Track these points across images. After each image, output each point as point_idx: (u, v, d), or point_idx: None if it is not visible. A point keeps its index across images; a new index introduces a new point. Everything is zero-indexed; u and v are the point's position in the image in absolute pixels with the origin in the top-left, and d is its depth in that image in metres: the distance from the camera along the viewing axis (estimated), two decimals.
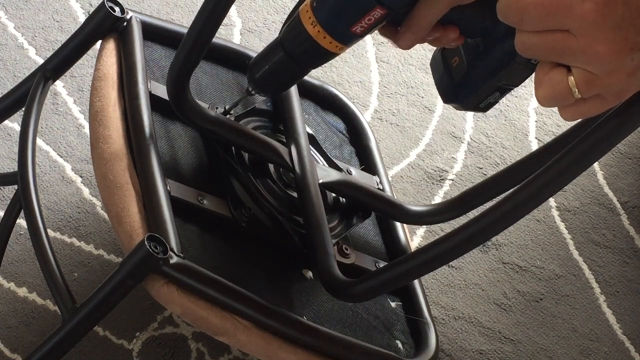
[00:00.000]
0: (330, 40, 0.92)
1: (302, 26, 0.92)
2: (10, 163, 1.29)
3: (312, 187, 1.06)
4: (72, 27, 1.43)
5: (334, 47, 0.92)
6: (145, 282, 0.93)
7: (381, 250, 1.14)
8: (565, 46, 0.72)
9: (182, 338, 1.20)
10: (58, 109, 1.36)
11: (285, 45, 0.95)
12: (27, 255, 1.22)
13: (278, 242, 1.05)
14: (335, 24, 0.91)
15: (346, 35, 0.91)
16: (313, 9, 0.91)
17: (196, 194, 1.01)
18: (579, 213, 1.48)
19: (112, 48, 1.09)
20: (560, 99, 0.75)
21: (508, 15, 0.74)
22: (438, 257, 0.92)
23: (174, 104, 1.01)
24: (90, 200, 1.29)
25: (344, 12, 0.89)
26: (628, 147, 1.56)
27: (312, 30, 0.91)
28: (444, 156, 1.49)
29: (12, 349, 1.15)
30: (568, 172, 0.84)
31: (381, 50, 1.58)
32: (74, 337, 0.95)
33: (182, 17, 1.51)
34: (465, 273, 1.37)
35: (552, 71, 0.75)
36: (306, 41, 0.93)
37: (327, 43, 0.92)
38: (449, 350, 1.30)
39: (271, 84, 0.99)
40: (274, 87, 1.00)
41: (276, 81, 0.99)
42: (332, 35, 0.91)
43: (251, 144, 1.06)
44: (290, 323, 0.97)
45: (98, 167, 1.00)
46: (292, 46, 0.94)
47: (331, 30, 0.91)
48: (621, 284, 1.42)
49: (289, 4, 1.57)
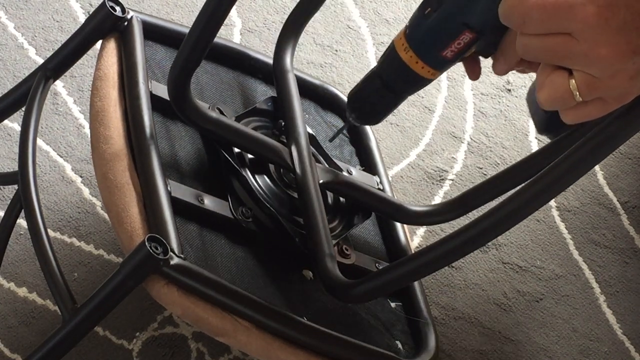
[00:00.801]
0: (422, 65, 0.94)
1: (396, 53, 0.94)
2: (10, 163, 1.29)
3: (313, 187, 1.06)
4: (72, 27, 1.43)
5: (427, 73, 0.94)
6: (145, 283, 0.93)
7: (381, 251, 1.14)
8: (567, 49, 0.72)
9: (182, 338, 1.20)
10: (58, 109, 1.36)
11: (381, 73, 0.97)
12: (27, 255, 1.22)
13: (278, 243, 1.05)
14: (426, 48, 0.93)
15: (438, 60, 0.93)
16: (406, 36, 0.93)
17: (196, 195, 1.01)
18: (579, 213, 1.48)
19: (113, 48, 1.09)
20: (562, 101, 0.75)
21: (510, 18, 0.74)
22: (439, 259, 0.92)
23: (174, 104, 1.01)
24: (90, 200, 1.29)
25: (434, 37, 0.92)
26: (628, 147, 1.56)
27: (405, 56, 0.94)
28: (444, 156, 1.49)
29: (12, 349, 1.15)
30: (569, 175, 0.83)
31: (381, 50, 1.58)
32: (74, 337, 0.95)
33: (182, 17, 1.51)
34: (465, 273, 1.37)
35: (553, 74, 0.75)
36: (400, 67, 0.95)
37: (419, 68, 0.94)
38: (449, 350, 1.30)
39: (369, 112, 1.01)
40: (372, 116, 1.01)
41: (374, 110, 1.01)
42: (424, 61, 0.93)
43: (251, 145, 1.06)
44: (290, 324, 0.97)
45: (98, 167, 1.00)
46: (388, 74, 0.97)
47: (423, 55, 0.93)
48: (621, 284, 1.42)
49: (289, 4, 1.57)
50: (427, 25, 0.92)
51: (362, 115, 1.02)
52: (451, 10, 0.90)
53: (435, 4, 0.91)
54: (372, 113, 1.01)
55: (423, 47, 0.93)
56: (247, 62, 1.20)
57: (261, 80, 1.21)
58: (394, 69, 0.96)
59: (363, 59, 1.56)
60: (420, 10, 0.93)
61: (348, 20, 1.60)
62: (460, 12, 0.90)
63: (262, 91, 1.20)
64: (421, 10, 0.92)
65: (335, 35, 1.58)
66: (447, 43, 0.92)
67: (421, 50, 0.93)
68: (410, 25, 0.94)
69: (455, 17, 0.90)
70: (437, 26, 0.91)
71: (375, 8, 1.63)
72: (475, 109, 1.56)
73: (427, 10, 0.92)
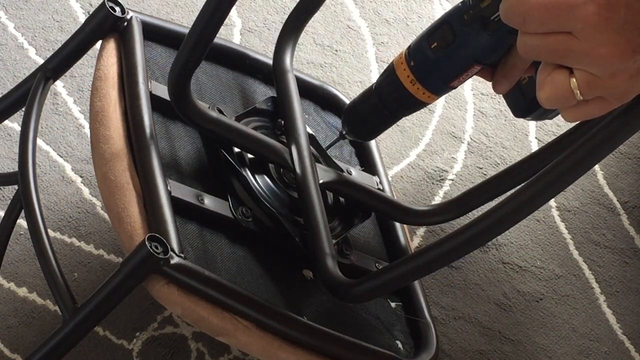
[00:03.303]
0: (424, 91, 0.97)
1: (396, 76, 0.98)
2: (10, 163, 1.29)
3: (313, 187, 1.06)
4: (72, 27, 1.43)
5: (427, 98, 0.98)
6: (145, 283, 0.93)
7: (381, 251, 1.14)
8: (568, 48, 0.72)
9: (182, 338, 1.20)
10: (58, 109, 1.36)
11: (380, 92, 1.00)
12: (27, 255, 1.22)
13: (278, 243, 1.05)
14: (431, 79, 0.96)
15: (442, 88, 0.97)
16: (411, 68, 0.97)
17: (197, 194, 1.01)
18: (579, 213, 1.48)
19: (113, 48, 1.09)
20: (563, 100, 0.75)
21: (511, 17, 0.74)
22: (439, 259, 0.92)
23: (175, 104, 1.01)
24: (90, 200, 1.29)
25: (442, 71, 0.95)
26: (628, 147, 1.56)
27: (407, 82, 0.97)
28: (444, 156, 1.49)
29: (12, 349, 1.15)
30: (569, 174, 0.83)
31: (381, 50, 1.58)
32: (74, 337, 0.95)
33: (182, 17, 1.51)
34: (465, 273, 1.37)
35: (554, 73, 0.75)
36: (399, 90, 0.98)
37: (420, 94, 0.98)
38: (449, 350, 1.30)
39: (363, 128, 1.04)
40: (367, 132, 1.05)
41: (368, 126, 1.04)
42: (426, 87, 0.97)
43: (252, 145, 1.06)
44: (290, 323, 0.97)
45: (98, 167, 1.00)
46: (386, 94, 1.00)
47: (426, 83, 0.97)
48: (621, 284, 1.42)
49: (289, 4, 1.57)
50: (434, 60, 0.94)
51: (355, 130, 1.05)
52: (462, 49, 0.93)
53: (442, 41, 0.93)
54: (366, 129, 1.04)
55: (428, 78, 0.96)
56: (246, 62, 1.20)
57: (261, 81, 1.21)
58: (392, 91, 0.99)
59: (363, 59, 1.56)
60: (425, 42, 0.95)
61: (348, 20, 1.60)
62: (472, 51, 0.92)
63: (262, 91, 1.20)
64: (426, 43, 0.95)
65: (335, 35, 1.58)
66: (455, 76, 0.95)
67: (425, 80, 0.96)
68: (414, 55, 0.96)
69: (467, 55, 0.93)
70: (446, 62, 0.94)
71: (375, 8, 1.63)
72: (475, 109, 1.56)
73: (433, 45, 0.94)
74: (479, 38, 0.91)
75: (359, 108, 1.03)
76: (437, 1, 1.67)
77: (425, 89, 0.97)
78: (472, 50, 0.92)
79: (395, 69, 0.98)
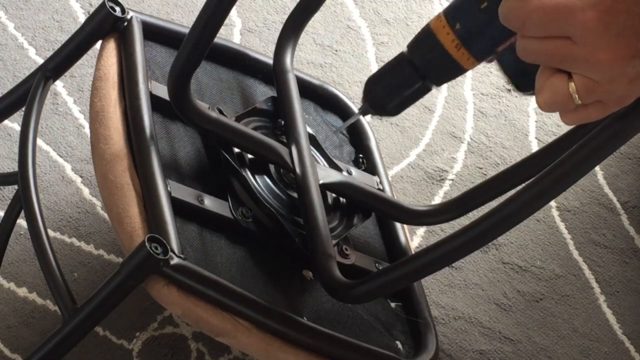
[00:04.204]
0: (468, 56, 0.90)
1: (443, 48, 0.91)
2: (10, 163, 1.29)
3: (313, 187, 1.06)
4: (72, 27, 1.43)
5: (471, 64, 0.91)
6: (145, 283, 0.93)
7: (381, 251, 1.14)
8: (567, 53, 0.72)
9: (182, 338, 1.20)
10: (58, 109, 1.36)
11: (414, 59, 0.93)
12: (27, 255, 1.22)
13: (278, 243, 1.05)
14: (483, 46, 0.90)
15: (488, 52, 0.90)
16: (456, 32, 0.89)
17: (196, 195, 1.01)
18: (579, 213, 1.48)
19: (113, 48, 1.09)
20: (561, 104, 0.75)
21: (510, 20, 0.74)
22: (439, 260, 0.92)
23: (174, 104, 1.01)
24: (90, 200, 1.29)
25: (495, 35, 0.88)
26: (628, 147, 1.56)
27: (456, 53, 0.90)
28: (444, 156, 1.49)
29: (12, 349, 1.15)
30: (569, 176, 0.83)
31: (381, 50, 1.58)
32: (74, 337, 0.95)
33: (182, 17, 1.51)
34: (465, 273, 1.37)
35: (553, 77, 0.75)
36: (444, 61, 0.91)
37: (465, 60, 0.91)
38: (449, 350, 1.30)
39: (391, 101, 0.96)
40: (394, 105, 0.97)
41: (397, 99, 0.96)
42: (474, 56, 0.90)
43: (252, 145, 1.06)
44: (290, 324, 0.97)
45: (98, 168, 1.00)
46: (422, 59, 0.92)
47: (477, 51, 0.90)
48: (621, 284, 1.42)
49: (289, 4, 1.57)
50: (486, 21, 0.88)
51: (380, 104, 0.97)
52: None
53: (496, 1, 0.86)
54: (394, 102, 0.97)
55: (477, 42, 0.89)
56: (247, 62, 1.20)
57: (261, 80, 1.21)
58: (433, 58, 0.92)
59: (363, 59, 1.56)
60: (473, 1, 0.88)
61: (348, 20, 1.60)
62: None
63: (262, 91, 1.20)
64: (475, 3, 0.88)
65: (335, 35, 1.58)
66: (505, 39, 0.89)
67: (473, 44, 0.90)
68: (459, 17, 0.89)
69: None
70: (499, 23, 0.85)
71: (375, 8, 1.63)
72: (475, 109, 1.56)
73: (483, 5, 0.88)
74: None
75: (387, 79, 0.95)
76: (437, 1, 1.67)
77: (471, 55, 0.90)
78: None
79: (435, 34, 0.90)
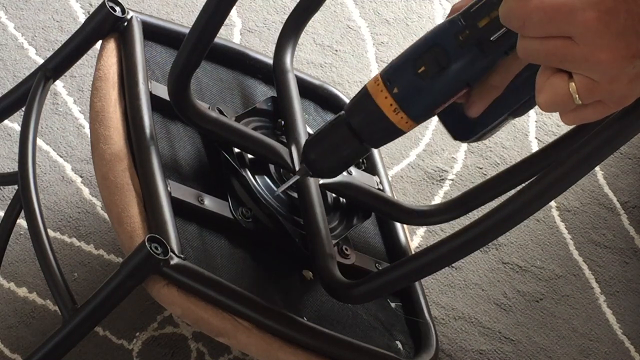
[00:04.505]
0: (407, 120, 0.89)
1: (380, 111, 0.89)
2: (10, 163, 1.29)
3: (313, 187, 1.06)
4: (72, 27, 1.43)
5: (409, 127, 0.90)
6: (145, 283, 0.93)
7: (381, 251, 1.14)
8: (567, 53, 0.72)
9: (182, 338, 1.20)
10: (58, 109, 1.36)
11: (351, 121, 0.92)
12: (27, 255, 1.22)
13: (278, 243, 1.05)
14: (421, 109, 0.89)
15: (427, 116, 0.90)
16: (393, 95, 0.88)
17: (196, 195, 1.01)
18: (579, 213, 1.48)
19: (113, 48, 1.09)
20: (561, 104, 0.75)
21: (510, 20, 0.74)
22: (439, 260, 0.92)
23: (174, 104, 1.01)
24: (90, 200, 1.29)
25: (431, 97, 0.88)
26: (628, 147, 1.56)
27: (394, 117, 0.89)
28: (444, 156, 1.48)
29: (12, 349, 1.15)
30: (569, 176, 0.83)
31: (381, 50, 1.58)
32: (74, 337, 0.95)
33: (182, 17, 1.51)
34: (465, 273, 1.37)
35: (553, 77, 0.75)
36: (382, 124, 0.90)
37: (403, 123, 0.89)
38: (449, 350, 1.30)
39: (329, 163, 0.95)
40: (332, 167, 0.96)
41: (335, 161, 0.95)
42: (413, 119, 0.89)
43: (252, 145, 1.06)
44: (290, 324, 0.97)
45: (98, 168, 1.00)
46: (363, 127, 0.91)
47: (414, 114, 0.89)
48: (621, 284, 1.42)
49: (289, 4, 1.57)
50: (423, 85, 0.87)
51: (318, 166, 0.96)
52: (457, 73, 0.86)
53: (434, 66, 0.86)
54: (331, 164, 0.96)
55: (414, 105, 0.88)
56: (247, 62, 1.20)
57: (261, 80, 1.21)
58: (371, 121, 0.90)
59: (363, 59, 1.56)
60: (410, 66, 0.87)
61: (348, 20, 1.60)
62: (467, 74, 0.86)
63: (262, 91, 1.20)
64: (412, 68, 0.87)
65: (335, 35, 1.58)
66: (443, 102, 0.88)
67: (411, 108, 0.88)
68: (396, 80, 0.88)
69: (460, 79, 0.86)
70: (436, 87, 0.87)
71: (375, 8, 1.63)
72: None
73: (420, 69, 0.87)
74: (475, 60, 0.85)
75: (325, 141, 0.94)
76: (437, 1, 1.67)
77: (409, 118, 0.89)
78: (465, 73, 0.86)
79: (373, 97, 0.89)
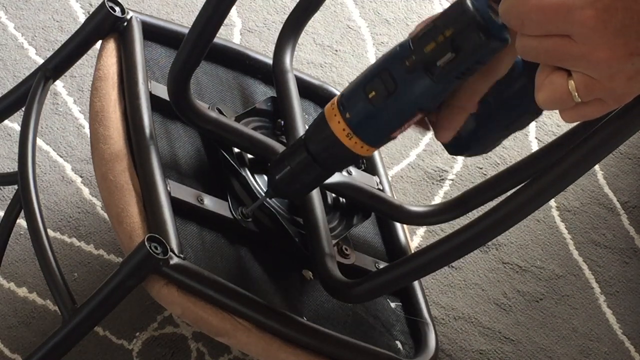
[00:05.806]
0: (362, 145, 0.89)
1: (334, 136, 0.89)
2: (10, 163, 1.29)
3: None
4: (72, 27, 1.43)
5: (366, 151, 0.90)
6: (145, 283, 0.93)
7: (381, 251, 1.14)
8: (566, 51, 0.72)
9: (182, 338, 1.20)
10: (58, 109, 1.36)
11: (312, 150, 0.92)
12: (27, 255, 1.22)
13: (278, 243, 1.05)
14: (374, 134, 0.88)
15: (383, 141, 0.90)
16: (346, 121, 0.88)
17: (196, 195, 1.01)
18: (579, 213, 1.48)
19: (113, 48, 1.09)
20: (561, 102, 0.75)
21: (509, 19, 0.74)
22: (439, 259, 0.92)
23: (174, 104, 1.01)
24: (90, 200, 1.29)
25: (385, 124, 0.87)
26: (628, 147, 1.56)
27: (349, 142, 0.89)
28: (444, 156, 1.49)
29: (12, 349, 1.15)
30: (569, 174, 0.84)
31: (381, 50, 1.58)
32: (74, 337, 0.95)
33: (182, 17, 1.51)
34: (465, 273, 1.37)
35: (552, 75, 0.75)
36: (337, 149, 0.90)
37: (358, 148, 0.90)
38: (449, 350, 1.30)
39: (292, 186, 0.96)
40: (295, 190, 0.96)
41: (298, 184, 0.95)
42: (368, 143, 0.89)
43: (251, 145, 1.06)
44: (290, 324, 0.97)
45: (98, 168, 1.00)
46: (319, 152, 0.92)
47: (369, 139, 0.89)
48: (621, 284, 1.42)
49: (289, 4, 1.57)
50: (374, 111, 0.87)
51: (282, 190, 0.97)
52: (405, 98, 0.85)
53: (382, 91, 0.86)
54: (295, 187, 0.96)
55: (367, 131, 0.88)
56: (246, 62, 1.20)
57: (261, 80, 1.21)
58: (326, 146, 0.91)
59: (363, 59, 1.56)
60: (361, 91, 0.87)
61: (348, 20, 1.60)
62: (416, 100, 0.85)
63: (262, 91, 1.20)
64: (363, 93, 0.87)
65: (335, 35, 1.58)
66: (396, 127, 0.88)
67: (364, 133, 0.88)
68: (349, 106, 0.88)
69: (410, 104, 0.86)
70: (387, 113, 0.87)
71: (375, 8, 1.63)
72: None
73: (371, 94, 0.86)
74: (424, 85, 0.84)
75: (287, 165, 0.94)
76: (437, 1, 1.67)
77: (364, 142, 0.88)
78: (415, 99, 0.85)
79: (328, 122, 0.89)
